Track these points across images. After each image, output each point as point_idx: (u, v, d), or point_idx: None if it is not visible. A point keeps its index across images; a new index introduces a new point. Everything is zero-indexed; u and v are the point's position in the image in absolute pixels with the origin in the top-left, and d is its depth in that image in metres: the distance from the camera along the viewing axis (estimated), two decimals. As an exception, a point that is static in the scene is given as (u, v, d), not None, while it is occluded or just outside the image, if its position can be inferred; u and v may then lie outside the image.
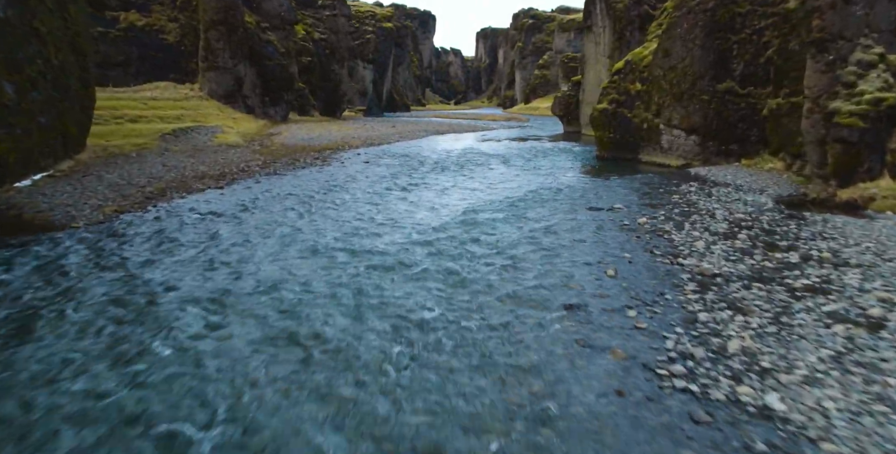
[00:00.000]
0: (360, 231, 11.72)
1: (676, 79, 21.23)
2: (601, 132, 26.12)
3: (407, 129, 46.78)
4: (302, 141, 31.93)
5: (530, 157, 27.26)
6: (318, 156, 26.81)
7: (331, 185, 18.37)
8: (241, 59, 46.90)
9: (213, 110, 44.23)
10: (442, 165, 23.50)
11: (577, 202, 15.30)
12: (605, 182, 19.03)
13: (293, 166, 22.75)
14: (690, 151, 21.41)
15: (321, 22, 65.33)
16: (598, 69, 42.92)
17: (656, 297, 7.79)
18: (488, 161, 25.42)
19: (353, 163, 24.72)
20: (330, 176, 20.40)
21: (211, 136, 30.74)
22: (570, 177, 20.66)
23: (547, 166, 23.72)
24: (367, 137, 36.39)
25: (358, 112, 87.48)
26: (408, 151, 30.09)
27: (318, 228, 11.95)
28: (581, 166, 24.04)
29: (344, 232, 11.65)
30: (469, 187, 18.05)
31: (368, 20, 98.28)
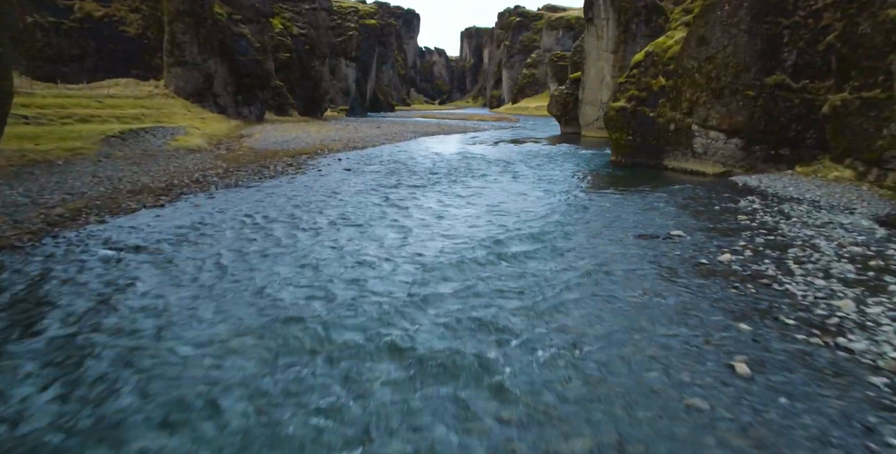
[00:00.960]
0: (335, 284, 8.17)
1: (715, 71, 17.95)
2: (618, 134, 22.80)
3: (393, 130, 43.16)
4: (275, 144, 28.16)
5: (534, 164, 23.84)
6: (292, 162, 23.12)
7: (302, 201, 14.73)
8: (210, 53, 42.92)
9: (180, 109, 40.27)
10: (435, 174, 19.96)
11: (616, 225, 11.88)
12: (638, 196, 15.66)
13: (260, 176, 19.06)
14: (731, 157, 18.15)
15: (300, 16, 61.42)
16: (600, 65, 39.72)
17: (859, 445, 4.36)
18: (488, 168, 21.95)
19: (333, 170, 21.07)
20: (303, 189, 16.76)
21: (170, 138, 26.85)
22: (590, 188, 17.26)
23: (557, 176, 20.32)
24: (349, 140, 32.72)
25: (340, 112, 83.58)
26: (395, 156, 26.50)
27: (275, 280, 8.38)
28: (596, 174, 20.67)
29: (313, 285, 8.10)
30: (474, 205, 14.55)
31: (351, 16, 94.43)
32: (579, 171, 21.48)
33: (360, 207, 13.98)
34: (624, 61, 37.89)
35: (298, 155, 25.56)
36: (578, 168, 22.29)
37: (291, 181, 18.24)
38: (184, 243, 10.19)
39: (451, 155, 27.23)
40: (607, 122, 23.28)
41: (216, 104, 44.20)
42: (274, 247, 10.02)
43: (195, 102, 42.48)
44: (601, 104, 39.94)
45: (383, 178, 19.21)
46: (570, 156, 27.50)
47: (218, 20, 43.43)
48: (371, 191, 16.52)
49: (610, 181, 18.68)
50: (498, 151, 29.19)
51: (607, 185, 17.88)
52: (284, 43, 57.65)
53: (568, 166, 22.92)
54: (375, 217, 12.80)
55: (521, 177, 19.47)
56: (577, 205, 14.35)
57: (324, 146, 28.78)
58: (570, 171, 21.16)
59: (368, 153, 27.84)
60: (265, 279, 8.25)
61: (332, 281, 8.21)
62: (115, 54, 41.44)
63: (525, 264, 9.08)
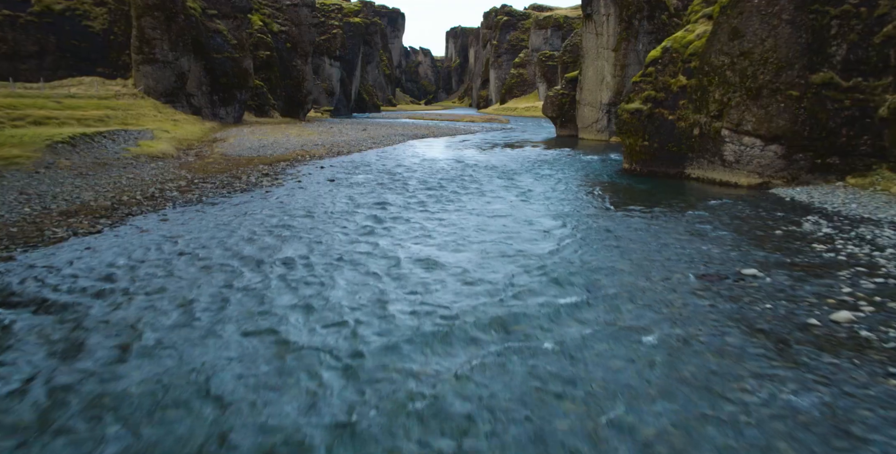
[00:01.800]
0: (304, 362, 5.69)
1: (752, 68, 15.68)
2: (631, 139, 20.50)
3: (380, 132, 40.58)
4: (250, 150, 25.45)
5: (536, 173, 21.44)
6: (269, 171, 20.48)
7: (273, 225, 12.15)
8: (183, 51, 40.00)
9: (149, 111, 37.31)
10: (429, 188, 17.42)
11: (663, 259, 9.50)
12: (671, 215, 13.32)
13: (229, 189, 16.42)
14: (770, 166, 15.90)
15: (281, 12, 58.53)
16: (599, 65, 37.51)
17: None
18: (488, 178, 19.51)
19: (314, 181, 18.48)
20: (276, 207, 14.16)
21: (132, 143, 24.04)
22: (612, 205, 14.89)
23: (566, 189, 17.94)
24: (333, 144, 30.09)
25: (324, 113, 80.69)
26: (384, 163, 23.95)
27: (228, 355, 5.86)
28: (611, 186, 18.32)
29: (274, 366, 5.60)
30: (476, 240, 12.11)
31: (335, 14, 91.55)
32: (590, 181, 19.11)
33: (340, 240, 11.45)
34: (626, 60, 35.75)
35: (276, 162, 22.90)
36: (588, 178, 19.92)
37: (265, 196, 15.63)
38: (106, 296, 7.60)
39: (444, 162, 24.76)
40: (619, 127, 20.98)
41: (190, 105, 41.31)
42: (223, 308, 7.47)
43: (167, 103, 39.57)
44: (601, 105, 37.76)
45: (370, 192, 16.66)
46: (573, 162, 25.16)
47: (191, 15, 40.52)
48: (355, 211, 13.98)
49: (630, 195, 16.32)
50: (494, 157, 26.77)
51: (629, 200, 15.52)
52: (264, 40, 54.75)
53: (575, 176, 20.55)
54: (358, 258, 10.28)
55: (526, 191, 17.03)
56: (604, 229, 11.96)
57: (305, 152, 26.13)
58: (579, 182, 18.78)
59: (354, 160, 25.27)
60: (216, 347, 5.72)
61: (311, 333, 5.70)
62: (78, 51, 38.31)
63: (567, 345, 6.64)
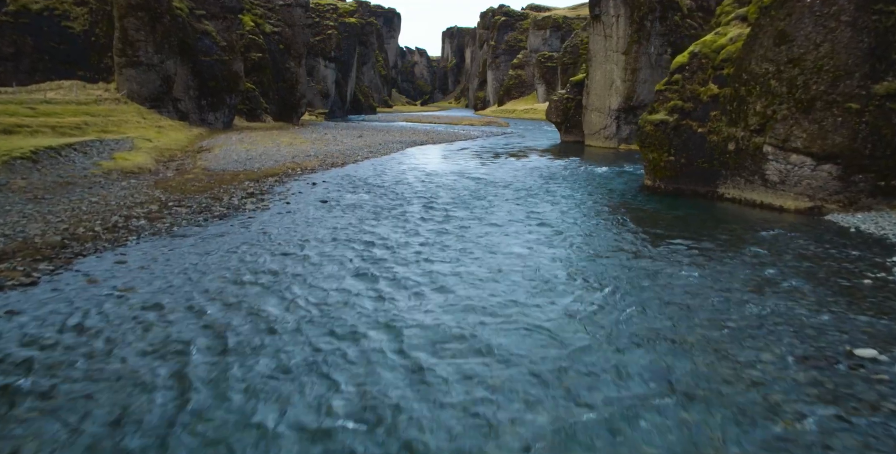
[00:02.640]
0: None
1: (802, 77, 13.77)
2: (655, 154, 18.58)
3: (376, 139, 38.58)
4: (236, 162, 23.38)
5: (549, 192, 19.47)
6: (255, 189, 18.46)
7: (249, 269, 10.15)
8: (169, 53, 37.92)
9: (133, 117, 35.23)
10: (431, 215, 15.43)
11: (731, 326, 7.59)
12: (720, 251, 11.38)
13: (207, 214, 14.39)
14: (823, 188, 14.01)
15: (273, 12, 56.44)
16: (608, 68, 35.62)
17: None
18: (497, 201, 17.54)
19: (304, 202, 16.45)
20: (257, 241, 12.14)
21: (106, 155, 21.98)
22: (643, 237, 12.93)
23: (584, 214, 16.00)
24: (326, 154, 28.06)
25: (319, 115, 78.59)
26: (382, 178, 21.94)
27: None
28: (636, 209, 16.34)
29: None
30: (496, 295, 10.15)
31: (329, 14, 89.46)
32: (612, 203, 17.11)
33: (331, 269, 9.47)
34: (637, 63, 33.88)
35: (264, 178, 20.87)
36: (609, 198, 17.92)
37: (246, 223, 13.61)
38: (20, 393, 5.61)
39: (445, 176, 22.76)
40: (642, 139, 19.06)
41: (176, 110, 39.25)
42: (176, 409, 5.49)
43: (152, 108, 37.51)
44: (609, 111, 35.88)
45: (367, 218, 14.63)
46: (587, 177, 23.20)
47: (177, 16, 38.43)
48: (348, 245, 11.97)
49: (662, 222, 14.35)
50: (500, 171, 24.78)
51: (664, 229, 13.56)
52: (256, 42, 52.67)
53: (593, 195, 18.57)
54: (349, 313, 8.31)
55: (542, 222, 15.03)
56: (649, 274, 10.01)
57: (296, 165, 24.09)
58: (600, 205, 16.78)
59: (350, 173, 23.25)
60: None
61: None
62: (56, 53, 36.17)
63: None
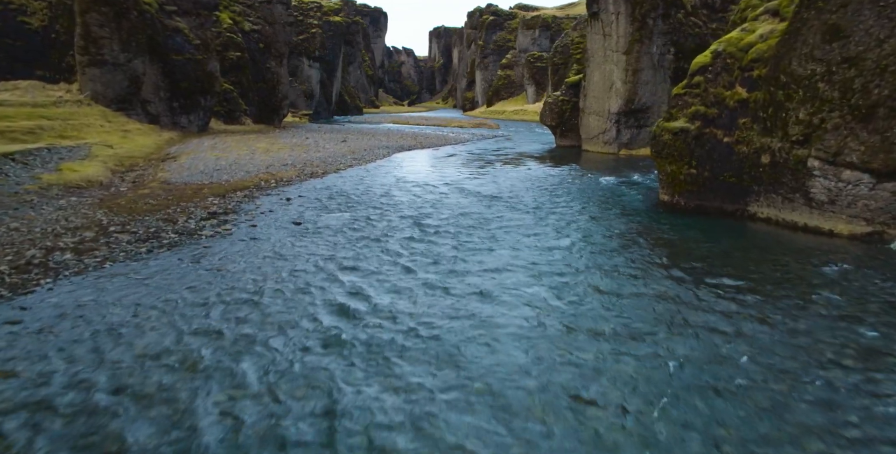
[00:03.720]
0: None
1: (861, 80, 11.72)
2: (674, 166, 16.48)
3: (361, 144, 36.19)
4: (202, 173, 20.89)
5: (554, 212, 17.29)
6: (219, 206, 16.06)
7: (190, 330, 7.82)
8: (137, 51, 35.27)
9: (96, 120, 32.61)
10: (422, 246, 13.14)
11: (841, 434, 5.46)
12: (786, 302, 9.24)
13: (154, 242, 12.00)
14: (884, 210, 11.96)
15: (253, 9, 53.79)
16: (607, 69, 33.58)
17: None
18: (495, 224, 15.30)
19: (272, 226, 14.08)
20: (208, 283, 9.77)
21: (52, 166, 19.44)
22: (684, 277, 10.78)
23: (600, 249, 13.85)
24: (306, 162, 25.64)
25: (303, 117, 75.90)
26: (367, 191, 19.60)
27: None
28: (660, 236, 14.17)
29: None
30: (505, 379, 7.93)
31: (313, 12, 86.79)
32: (628, 226, 14.89)
33: (298, 335, 7.18)
34: (638, 64, 31.88)
35: (232, 192, 18.45)
36: (623, 219, 15.66)
37: (199, 256, 11.23)
38: None
39: (436, 189, 20.49)
40: (658, 149, 16.94)
41: (146, 113, 36.59)
42: None
43: (119, 110, 34.88)
44: (609, 114, 33.84)
45: (344, 248, 12.32)
46: (592, 189, 21.06)
47: (145, 11, 35.78)
48: (319, 287, 9.67)
49: (694, 253, 12.13)
50: (494, 182, 22.55)
51: (696, 260, 11.38)
52: (234, 40, 50.03)
53: (604, 215, 16.34)
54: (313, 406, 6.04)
55: (550, 258, 12.87)
56: (708, 345, 7.84)
57: (270, 176, 21.67)
58: (615, 230, 14.50)
59: (330, 185, 20.90)
60: None
61: None
62: (12, 51, 33.35)
63: None
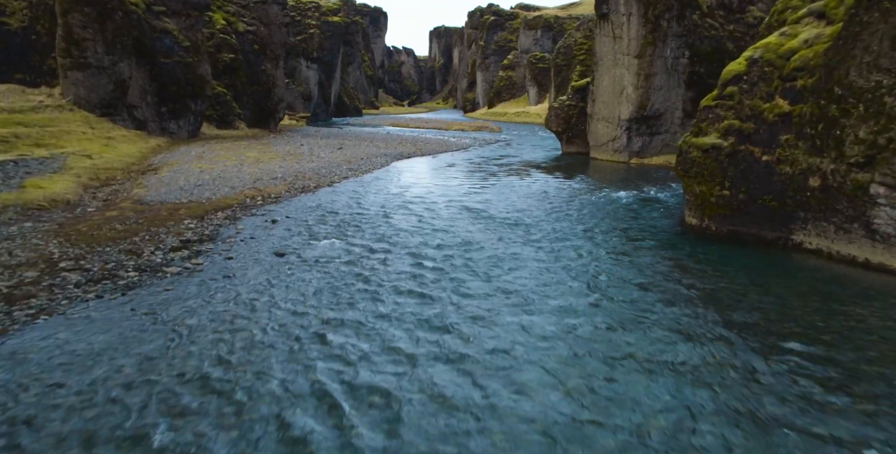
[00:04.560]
0: None
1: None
2: (704, 186, 14.73)
3: (359, 151, 34.44)
4: (181, 190, 19.12)
5: (563, 238, 15.57)
6: (195, 232, 14.31)
7: (118, 438, 6.09)
8: (123, 54, 33.55)
9: (78, 127, 30.90)
10: (424, 297, 11.36)
11: None
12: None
13: (107, 283, 10.26)
14: (960, 250, 10.24)
15: (247, 10, 52.04)
16: (617, 73, 31.83)
17: None
18: (505, 261, 13.59)
19: (251, 260, 12.32)
20: (158, 351, 8.00)
21: (16, 182, 17.70)
22: (747, 352, 9.04)
23: (625, 298, 12.11)
24: (297, 174, 23.88)
25: (300, 120, 74.13)
26: (361, 212, 17.83)
27: None
28: (695, 272, 12.44)
29: None
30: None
31: (311, 13, 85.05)
32: (655, 260, 13.13)
33: None
34: (651, 68, 30.13)
35: (213, 212, 16.70)
36: (646, 250, 13.89)
37: (157, 305, 9.46)
38: None
39: (438, 209, 18.73)
40: (685, 168, 15.20)
41: (132, 118, 34.86)
42: None
43: (104, 116, 33.17)
44: (619, 121, 32.08)
45: (328, 295, 10.57)
46: (606, 207, 19.32)
47: (131, 12, 34.03)
48: (286, 366, 7.93)
49: (738, 300, 10.29)
50: (501, 198, 20.80)
51: (747, 311, 9.62)
52: (228, 41, 48.31)
53: (623, 244, 14.56)
54: None
55: (571, 316, 11.13)
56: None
57: (257, 192, 19.92)
58: (639, 266, 12.78)
59: (322, 202, 19.16)
60: None
61: None
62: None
63: None
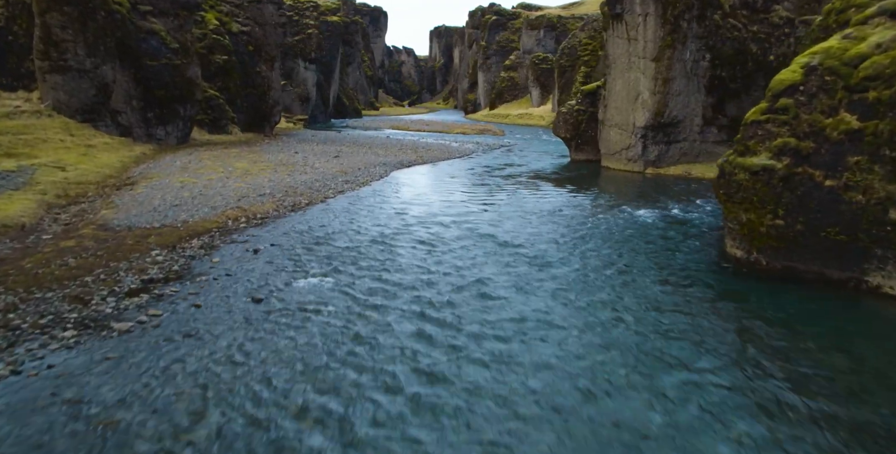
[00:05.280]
0: None
1: None
2: (753, 214, 12.70)
3: (356, 159, 32.40)
4: (154, 211, 17.05)
5: (586, 275, 13.54)
6: (162, 266, 12.28)
7: None
8: (106, 56, 31.56)
9: (56, 134, 28.95)
10: (433, 380, 9.31)
11: None
12: None
13: (32, 350, 8.26)
14: None
15: (241, 10, 50.01)
16: (631, 77, 29.80)
17: None
18: (532, 301, 11.56)
19: (222, 306, 10.26)
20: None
21: (-31, 205, 15.65)
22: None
23: (685, 385, 10.03)
24: (288, 189, 21.84)
25: (298, 122, 72.06)
26: (356, 237, 15.79)
27: None
28: (753, 327, 10.42)
29: None
30: None
31: (309, 12, 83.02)
32: (700, 308, 11.08)
33: None
34: (670, 72, 28.09)
35: (187, 238, 14.67)
36: (687, 295, 11.83)
37: (85, 385, 7.40)
38: None
39: (445, 234, 16.71)
40: (728, 192, 13.16)
41: (117, 124, 32.84)
42: None
43: (85, 122, 31.19)
44: (634, 129, 30.04)
45: (320, 357, 8.55)
46: (627, 230, 17.28)
47: (114, 12, 32.02)
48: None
49: (816, 379, 8.39)
50: (509, 218, 18.77)
51: (835, 404, 7.65)
52: (221, 42, 46.28)
53: (654, 284, 12.59)
54: None
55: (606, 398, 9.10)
56: None
57: (241, 211, 17.86)
58: (688, 326, 10.79)
59: (314, 224, 17.13)
60: None
61: None
62: (-38, 57, 29.64)
63: None
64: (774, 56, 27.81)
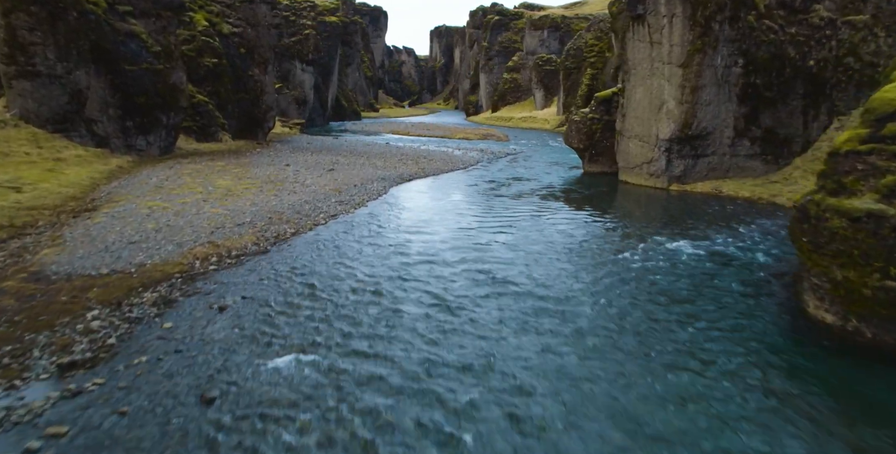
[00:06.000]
0: None
1: None
2: (852, 271, 9.97)
3: (353, 173, 29.67)
4: (106, 250, 14.28)
5: (653, 347, 10.84)
6: (91, 340, 9.59)
7: None
8: (79, 60, 28.88)
9: (21, 146, 26.35)
10: None
11: None
12: None
13: None
14: None
15: (233, 10, 47.30)
16: (654, 84, 27.06)
17: None
18: (574, 407, 8.88)
19: (155, 419, 7.53)
20: None
21: None
22: None
23: None
24: (272, 215, 19.10)
25: (294, 126, 69.32)
26: (344, 283, 13.05)
27: None
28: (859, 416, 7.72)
29: None
30: None
31: (306, 13, 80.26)
32: (789, 383, 8.45)
33: None
34: (699, 80, 25.35)
35: (140, 289, 11.95)
36: (763, 394, 9.23)
37: None
38: None
39: (454, 281, 13.99)
40: (817, 240, 10.47)
41: (92, 134, 30.17)
42: None
43: (57, 132, 28.56)
44: (657, 141, 27.31)
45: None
46: (674, 274, 14.59)
47: (88, 12, 29.33)
48: None
49: None
50: (531, 253, 16.10)
51: None
52: (210, 44, 43.59)
53: (724, 375, 9.93)
54: None
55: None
56: None
57: (213, 247, 15.11)
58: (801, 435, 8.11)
59: (296, 263, 14.41)
60: None
61: None
62: (-83, 61, 26.90)
63: None
64: (814, 61, 25.07)
